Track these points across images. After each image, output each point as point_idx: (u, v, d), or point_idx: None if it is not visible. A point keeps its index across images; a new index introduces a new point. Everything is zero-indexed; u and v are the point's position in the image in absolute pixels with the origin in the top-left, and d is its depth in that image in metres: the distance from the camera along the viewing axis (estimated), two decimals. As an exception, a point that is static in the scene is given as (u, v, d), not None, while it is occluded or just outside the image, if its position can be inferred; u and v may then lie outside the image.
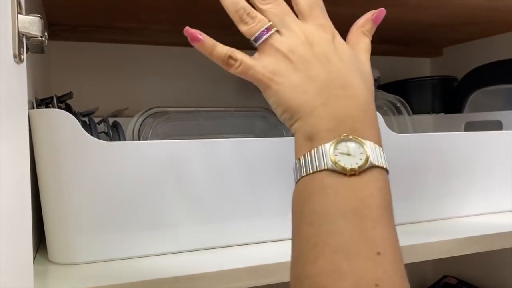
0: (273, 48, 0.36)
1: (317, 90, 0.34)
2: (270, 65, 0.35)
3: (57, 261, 0.45)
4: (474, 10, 0.76)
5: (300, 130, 0.34)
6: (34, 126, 0.42)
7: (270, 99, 0.36)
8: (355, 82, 0.35)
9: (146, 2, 0.67)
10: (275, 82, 0.35)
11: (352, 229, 0.30)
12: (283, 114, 0.36)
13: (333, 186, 0.31)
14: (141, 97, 0.90)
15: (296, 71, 0.35)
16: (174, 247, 0.47)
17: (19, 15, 0.31)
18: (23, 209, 0.33)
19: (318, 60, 0.35)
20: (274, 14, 0.36)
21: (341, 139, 0.32)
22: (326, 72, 0.35)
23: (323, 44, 0.36)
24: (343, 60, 0.36)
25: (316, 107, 0.34)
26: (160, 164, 0.46)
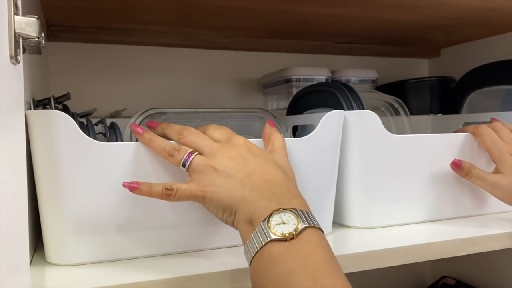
0: (198, 166, 0.42)
1: (241, 184, 0.41)
2: (200, 181, 0.42)
3: (54, 262, 0.45)
4: (472, 11, 0.76)
5: (240, 220, 0.40)
6: (31, 127, 0.42)
7: (210, 207, 0.42)
8: (270, 168, 0.43)
9: (144, 3, 0.67)
10: (208, 191, 0.42)
11: (305, 282, 0.34)
12: (224, 215, 0.42)
13: (279, 252, 0.36)
14: (139, 98, 0.90)
15: (221, 175, 0.42)
16: (172, 248, 0.47)
17: (16, 16, 0.31)
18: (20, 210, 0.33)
19: (236, 161, 0.42)
20: (193, 142, 0.44)
21: (274, 213, 0.38)
22: (244, 168, 0.42)
23: (237, 148, 0.44)
24: (256, 155, 0.43)
25: (245, 196, 0.40)
26: (158, 165, 0.45)
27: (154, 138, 0.44)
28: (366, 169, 0.56)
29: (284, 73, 0.86)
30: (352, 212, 0.58)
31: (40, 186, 0.43)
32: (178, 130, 0.45)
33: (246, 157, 0.43)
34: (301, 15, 0.76)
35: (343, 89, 0.62)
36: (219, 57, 0.96)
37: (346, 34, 0.92)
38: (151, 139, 0.44)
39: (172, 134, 0.45)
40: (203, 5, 0.69)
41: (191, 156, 0.43)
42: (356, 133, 0.56)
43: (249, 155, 0.43)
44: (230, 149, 0.43)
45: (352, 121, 0.56)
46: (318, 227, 0.38)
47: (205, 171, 0.42)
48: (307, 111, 0.68)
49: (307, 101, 0.70)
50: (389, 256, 0.50)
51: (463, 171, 0.58)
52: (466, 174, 0.58)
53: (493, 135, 0.59)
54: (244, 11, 0.73)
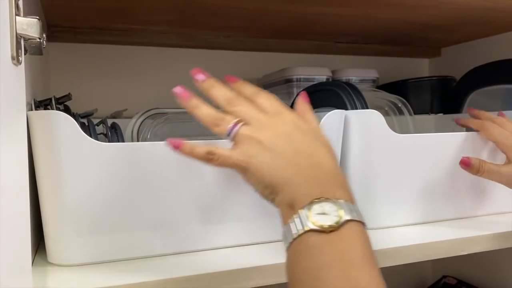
0: (243, 137, 0.41)
1: (287, 164, 0.39)
2: (244, 151, 0.40)
3: (56, 263, 0.45)
4: (473, 11, 0.76)
5: (281, 202, 0.39)
6: (32, 128, 0.42)
7: (250, 180, 0.41)
8: (319, 150, 0.41)
9: (144, 4, 0.67)
10: (250, 163, 0.40)
11: (337, 279, 0.33)
12: (264, 191, 0.40)
13: (316, 244, 0.35)
14: (139, 98, 0.90)
15: (266, 150, 0.40)
16: (173, 248, 0.48)
17: (17, 17, 0.31)
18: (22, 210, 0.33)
19: (284, 138, 0.40)
20: (241, 112, 0.42)
21: (315, 201, 0.36)
22: (292, 147, 0.40)
23: (286, 124, 0.41)
24: (305, 134, 0.41)
25: (290, 179, 0.39)
26: (159, 165, 0.46)
27: (200, 105, 0.43)
28: (369, 169, 0.56)
29: (285, 73, 0.86)
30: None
31: (42, 187, 0.43)
32: (228, 98, 0.43)
33: (294, 135, 0.40)
34: (301, 15, 0.76)
35: (347, 88, 0.62)
36: (220, 57, 0.96)
37: (346, 34, 0.92)
38: (197, 106, 0.42)
39: (221, 99, 0.43)
40: (204, 5, 0.69)
41: (237, 126, 0.41)
42: (360, 132, 0.56)
43: (298, 133, 0.41)
44: (278, 124, 0.41)
45: (355, 120, 0.56)
46: (361, 221, 0.36)
47: (250, 143, 0.40)
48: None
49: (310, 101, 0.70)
50: (390, 256, 0.50)
51: (474, 168, 0.56)
52: (478, 171, 0.56)
53: (498, 127, 0.59)
54: (244, 11, 0.73)
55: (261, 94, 0.44)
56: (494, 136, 0.59)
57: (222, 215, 0.49)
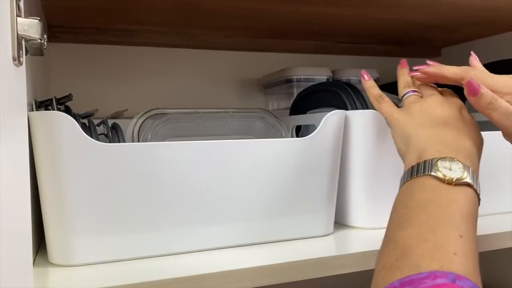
0: (411, 101, 0.49)
1: (433, 124, 0.45)
2: (403, 112, 0.48)
3: (57, 263, 0.45)
4: (472, 11, 0.76)
5: (411, 151, 0.43)
6: (33, 128, 0.42)
7: (395, 137, 0.48)
8: (473, 129, 0.45)
9: (145, 4, 0.67)
10: (401, 121, 0.47)
11: (441, 214, 0.36)
12: (401, 143, 0.46)
13: (432, 186, 0.38)
14: (140, 98, 0.90)
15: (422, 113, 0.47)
16: (174, 248, 0.48)
17: (18, 18, 0.31)
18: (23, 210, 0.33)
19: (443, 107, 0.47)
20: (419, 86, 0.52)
21: (446, 158, 0.40)
22: (442, 118, 0.46)
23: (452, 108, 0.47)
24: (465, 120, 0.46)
25: (430, 134, 0.44)
26: (160, 165, 0.46)
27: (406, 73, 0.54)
28: (370, 169, 0.56)
29: (285, 73, 0.86)
30: (355, 213, 0.58)
31: (43, 187, 0.43)
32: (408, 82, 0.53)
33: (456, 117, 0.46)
34: (301, 15, 0.76)
35: (347, 88, 0.62)
36: (220, 58, 0.96)
37: (346, 34, 0.92)
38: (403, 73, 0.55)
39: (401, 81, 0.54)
40: (204, 6, 0.69)
41: (410, 93, 0.50)
42: (360, 132, 0.56)
43: (459, 116, 0.46)
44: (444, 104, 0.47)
45: (356, 120, 0.56)
46: (478, 194, 0.39)
47: (414, 107, 0.48)
48: (310, 111, 0.68)
49: (310, 101, 0.70)
50: (391, 256, 0.50)
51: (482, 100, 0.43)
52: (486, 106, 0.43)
53: None
54: (244, 11, 0.73)
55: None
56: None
57: (221, 215, 0.49)
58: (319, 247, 0.51)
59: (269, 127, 0.62)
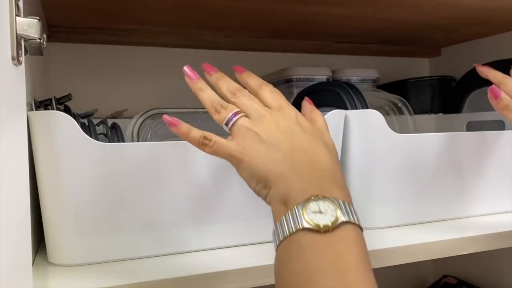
0: (242, 128, 0.40)
1: (283, 158, 0.38)
2: (240, 142, 0.39)
3: (57, 263, 0.45)
4: (473, 11, 0.76)
5: (274, 197, 0.37)
6: (33, 128, 0.42)
7: (244, 173, 0.40)
8: (319, 149, 0.39)
9: (144, 4, 0.67)
10: (245, 155, 0.39)
11: (332, 283, 0.31)
12: (257, 186, 0.39)
13: (309, 245, 0.33)
14: (140, 98, 0.90)
15: (263, 143, 0.39)
16: (173, 248, 0.48)
17: (17, 17, 0.31)
18: (22, 210, 0.33)
19: (283, 132, 0.39)
20: (243, 103, 0.41)
21: (311, 198, 0.34)
22: (290, 142, 0.39)
23: (287, 119, 0.40)
24: (306, 131, 0.40)
25: (284, 173, 0.37)
26: (160, 165, 0.46)
27: (205, 89, 0.42)
28: (369, 169, 0.56)
29: (285, 73, 0.86)
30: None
31: (42, 187, 0.43)
32: (231, 89, 0.43)
33: (294, 130, 0.39)
34: (301, 15, 0.76)
35: (347, 88, 0.62)
36: (220, 57, 0.95)
37: (346, 34, 0.92)
38: (202, 89, 0.42)
39: (225, 90, 0.43)
40: (204, 6, 0.69)
41: (236, 116, 0.40)
42: (360, 132, 0.56)
43: (298, 129, 0.40)
44: (279, 118, 0.40)
45: (355, 120, 0.56)
46: (359, 224, 0.35)
47: (247, 135, 0.39)
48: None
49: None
50: (390, 256, 0.50)
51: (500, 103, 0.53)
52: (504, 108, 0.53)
53: None
54: (244, 11, 0.73)
55: (266, 87, 0.43)
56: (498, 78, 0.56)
57: (221, 215, 0.49)
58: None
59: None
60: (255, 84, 0.43)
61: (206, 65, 0.46)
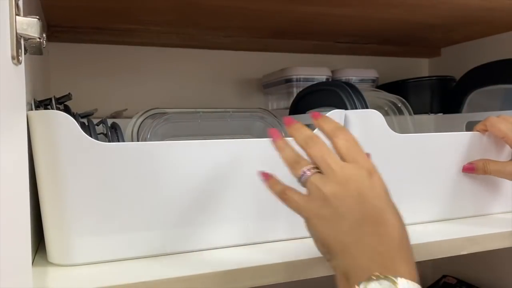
0: (312, 186, 0.40)
1: (348, 229, 0.38)
2: (309, 202, 0.40)
3: (56, 263, 0.45)
4: (472, 10, 0.76)
5: (336, 268, 0.38)
6: (32, 128, 0.42)
7: (311, 233, 0.41)
8: (389, 219, 0.38)
9: (144, 4, 0.67)
10: (311, 217, 0.39)
11: None
12: (321, 248, 0.40)
13: None
14: (139, 98, 0.90)
15: (330, 208, 0.38)
16: (173, 248, 0.48)
17: (17, 16, 0.31)
18: (22, 210, 0.33)
19: (352, 197, 0.38)
20: (314, 156, 0.41)
21: (372, 278, 0.35)
22: (358, 210, 0.38)
23: (358, 181, 0.39)
24: (378, 196, 0.39)
25: (347, 246, 0.37)
26: (159, 165, 0.46)
27: (285, 147, 0.43)
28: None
29: (285, 73, 0.86)
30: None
31: (42, 186, 0.43)
32: (304, 138, 0.43)
33: (365, 195, 0.38)
34: (301, 15, 0.76)
35: (347, 88, 0.62)
36: (220, 57, 0.96)
37: (346, 34, 0.92)
38: (282, 148, 0.43)
39: (299, 140, 0.43)
40: (204, 6, 0.69)
41: (307, 173, 0.40)
42: (360, 132, 0.56)
43: (370, 193, 0.39)
44: (350, 177, 0.39)
45: (355, 120, 0.56)
46: None
47: (316, 195, 0.39)
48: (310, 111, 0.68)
49: (310, 101, 0.69)
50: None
51: (479, 170, 0.59)
52: (484, 172, 0.59)
53: (505, 123, 0.58)
54: (244, 11, 0.73)
55: (341, 134, 0.42)
56: (503, 132, 0.58)
57: (221, 215, 0.49)
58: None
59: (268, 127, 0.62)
60: (328, 130, 0.43)
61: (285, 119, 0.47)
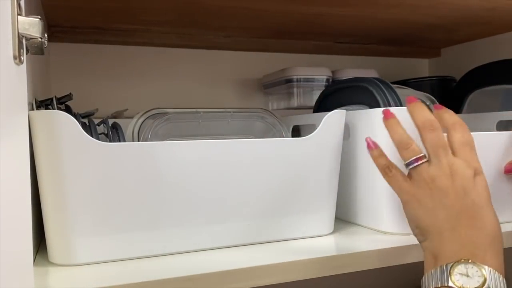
0: (419, 175, 0.43)
1: (447, 217, 0.40)
2: (412, 187, 0.43)
3: (57, 262, 0.45)
4: (472, 11, 0.76)
5: (427, 248, 0.41)
6: (34, 128, 0.42)
7: (407, 214, 0.44)
8: (487, 216, 0.40)
9: (145, 4, 0.67)
10: (412, 201, 0.42)
11: None
12: (414, 230, 0.43)
13: None
14: (140, 98, 0.90)
15: (433, 198, 0.41)
16: (174, 248, 0.48)
17: (19, 16, 0.31)
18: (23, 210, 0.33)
19: (456, 191, 0.41)
20: (429, 143, 0.43)
21: (461, 261, 0.37)
22: (460, 204, 0.41)
23: (464, 178, 0.41)
24: (480, 195, 0.41)
25: (444, 231, 0.40)
26: (160, 165, 0.46)
27: (397, 127, 0.45)
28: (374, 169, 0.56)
29: (285, 73, 0.86)
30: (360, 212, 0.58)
31: (43, 186, 0.43)
32: (424, 120, 0.44)
33: (468, 192, 0.41)
34: (301, 15, 0.76)
35: (378, 84, 0.58)
36: (220, 57, 0.96)
37: (346, 34, 0.92)
38: (394, 128, 0.45)
39: (418, 120, 0.45)
40: (204, 6, 0.69)
41: (418, 162, 0.43)
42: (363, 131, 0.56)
43: (473, 192, 0.41)
44: (458, 172, 0.41)
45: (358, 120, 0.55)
46: None
47: (421, 183, 0.42)
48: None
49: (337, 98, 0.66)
50: (390, 256, 0.50)
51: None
52: None
53: None
54: (244, 11, 0.73)
55: (459, 128, 0.44)
56: None
57: (221, 215, 0.49)
58: (319, 247, 0.51)
59: (269, 127, 0.62)
60: (448, 122, 0.45)
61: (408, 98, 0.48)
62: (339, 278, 0.92)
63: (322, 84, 0.86)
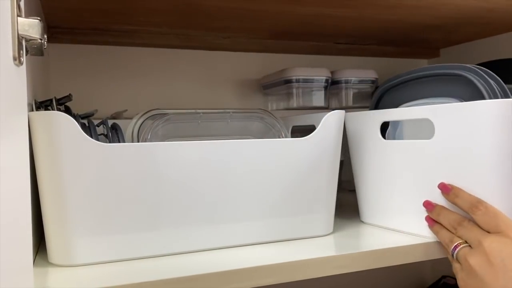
0: (461, 259, 0.47)
1: None
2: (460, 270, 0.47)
3: (57, 263, 0.45)
4: (471, 11, 0.77)
5: None
6: (33, 128, 0.42)
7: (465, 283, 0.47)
8: None
9: (144, 5, 0.68)
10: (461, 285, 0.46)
11: None
12: None
13: None
14: (139, 99, 0.90)
15: (476, 278, 0.44)
16: (174, 248, 0.48)
17: (19, 17, 0.31)
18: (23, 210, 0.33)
19: (494, 266, 0.44)
20: (461, 235, 0.48)
21: None
22: (502, 277, 0.43)
23: (503, 250, 0.44)
24: None
25: None
26: (159, 166, 0.46)
27: (440, 230, 0.50)
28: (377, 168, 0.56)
29: (284, 74, 0.86)
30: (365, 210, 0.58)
31: (43, 187, 0.43)
32: (450, 223, 0.49)
33: (507, 264, 0.43)
34: (300, 16, 0.76)
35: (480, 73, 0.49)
36: (219, 58, 0.96)
37: (345, 35, 0.92)
38: (438, 231, 0.51)
39: (445, 224, 0.50)
40: (203, 7, 0.69)
41: (457, 249, 0.47)
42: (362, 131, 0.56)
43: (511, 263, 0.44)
44: (493, 247, 0.44)
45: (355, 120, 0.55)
46: None
47: (464, 265, 0.46)
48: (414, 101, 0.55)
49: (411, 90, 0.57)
50: (390, 256, 0.50)
51: None
52: None
53: None
54: (244, 12, 0.73)
55: (477, 209, 0.47)
56: None
57: (221, 215, 0.49)
58: (319, 247, 0.51)
59: (268, 128, 0.62)
60: (465, 207, 0.48)
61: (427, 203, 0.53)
62: (339, 278, 0.93)
63: (321, 85, 0.86)
